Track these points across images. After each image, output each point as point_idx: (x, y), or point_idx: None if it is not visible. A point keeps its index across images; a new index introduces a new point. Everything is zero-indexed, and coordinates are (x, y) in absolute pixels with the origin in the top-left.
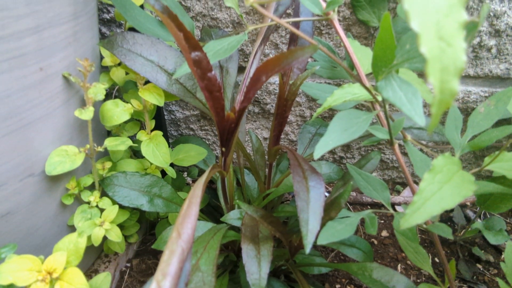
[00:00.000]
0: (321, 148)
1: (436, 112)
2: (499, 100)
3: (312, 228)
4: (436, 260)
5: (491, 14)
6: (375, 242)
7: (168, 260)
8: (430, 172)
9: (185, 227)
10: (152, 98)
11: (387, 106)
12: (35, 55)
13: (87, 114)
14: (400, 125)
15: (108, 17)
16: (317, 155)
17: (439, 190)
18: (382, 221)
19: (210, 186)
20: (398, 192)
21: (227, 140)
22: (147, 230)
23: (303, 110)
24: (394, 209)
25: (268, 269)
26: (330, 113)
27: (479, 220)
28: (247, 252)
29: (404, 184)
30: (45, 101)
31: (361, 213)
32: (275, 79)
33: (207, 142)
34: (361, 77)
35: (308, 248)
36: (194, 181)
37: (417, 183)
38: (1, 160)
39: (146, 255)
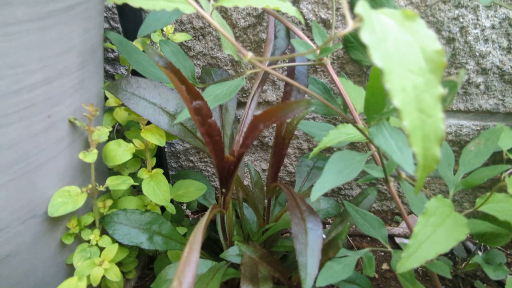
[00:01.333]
0: (318, 191)
1: (421, 176)
2: (488, 139)
3: (310, 271)
4: None
5: (477, 54)
6: (376, 275)
7: None
8: (423, 215)
9: (186, 276)
10: (153, 138)
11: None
12: (44, 104)
13: (91, 157)
14: (395, 164)
15: (112, 56)
16: (313, 197)
17: (433, 233)
18: (382, 254)
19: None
20: (397, 223)
21: (227, 181)
22: (145, 265)
23: (300, 143)
24: (394, 241)
25: None
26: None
27: (479, 252)
28: None
29: None
30: (51, 145)
31: (359, 252)
32: None
33: (206, 174)
34: (355, 119)
35: None
36: (193, 213)
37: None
38: (6, 205)
39: None
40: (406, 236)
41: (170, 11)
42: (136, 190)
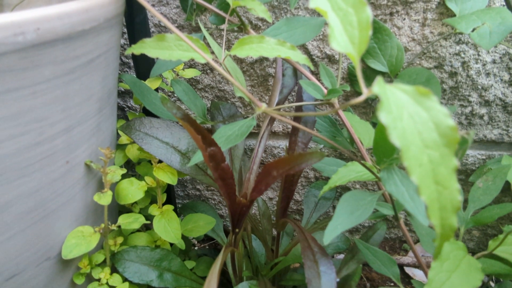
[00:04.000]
0: (330, 234)
1: (439, 245)
2: (496, 176)
3: None
4: None
5: (480, 87)
6: None
7: None
8: (437, 261)
9: None
10: (166, 177)
11: None
12: (64, 151)
13: (106, 199)
14: None
15: (122, 90)
16: (326, 240)
17: (447, 279)
18: (392, 284)
19: (216, 247)
20: (406, 251)
21: (238, 221)
22: None
23: (307, 172)
24: (403, 271)
25: None
26: None
27: (491, 283)
28: None
29: None
30: (68, 189)
31: None
32: (279, 143)
33: (213, 202)
34: (363, 156)
35: None
36: (199, 241)
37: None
38: (23, 250)
39: None
40: (416, 266)
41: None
42: (144, 224)
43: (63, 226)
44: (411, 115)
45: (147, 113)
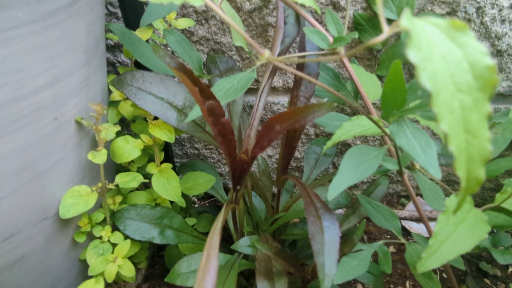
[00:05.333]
0: (335, 189)
1: (462, 198)
2: (506, 129)
3: (328, 272)
4: (444, 276)
5: (493, 35)
6: None
7: None
8: (444, 214)
9: (207, 284)
10: (162, 135)
11: None
12: (50, 106)
13: (101, 157)
14: (410, 156)
15: (112, 43)
16: (330, 196)
17: (453, 232)
18: (389, 236)
19: (216, 204)
20: (403, 206)
21: (239, 179)
22: (154, 253)
23: (307, 129)
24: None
25: None
26: None
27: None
28: None
29: (409, 197)
30: (59, 147)
31: (373, 245)
32: (279, 99)
33: (212, 161)
34: (369, 109)
35: None
36: (199, 199)
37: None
38: (18, 210)
39: (155, 280)
40: (413, 219)
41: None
42: (143, 182)
43: (58, 186)
44: (443, 55)
45: (139, 67)
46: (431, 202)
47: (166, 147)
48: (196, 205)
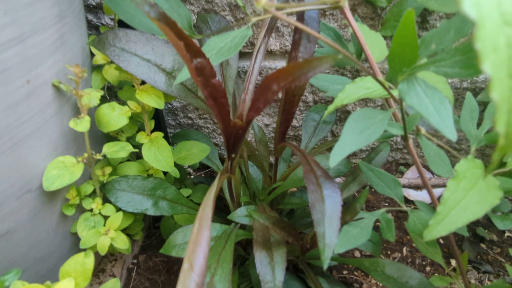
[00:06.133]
0: (337, 155)
1: (496, 158)
2: None
3: (329, 242)
4: (441, 241)
5: None
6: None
7: None
8: (454, 179)
9: (197, 257)
10: (151, 101)
11: (404, 103)
12: (20, 67)
13: (83, 125)
14: (415, 120)
15: (94, 3)
16: (333, 162)
17: (463, 198)
18: (387, 204)
19: (212, 175)
20: (402, 173)
21: (234, 146)
22: (150, 224)
23: (305, 95)
24: None
25: (282, 277)
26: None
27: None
28: (260, 260)
29: (408, 165)
30: (36, 114)
31: (375, 213)
32: (276, 63)
33: (206, 131)
34: (374, 70)
35: (326, 264)
36: (194, 170)
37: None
38: None
39: (152, 250)
40: (411, 187)
41: None
42: (135, 153)
43: (39, 157)
44: None
45: (124, 27)
46: (435, 168)
47: (157, 116)
48: (192, 177)
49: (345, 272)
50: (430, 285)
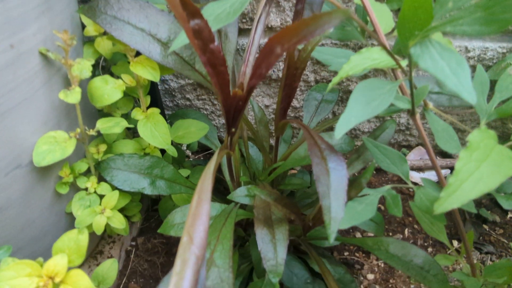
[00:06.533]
0: (343, 126)
1: None
2: None
3: (335, 215)
4: None
5: None
6: (382, 207)
7: (181, 273)
8: (466, 150)
9: (197, 230)
10: (146, 73)
11: (413, 73)
12: (2, 30)
13: (74, 96)
14: (424, 93)
15: None
16: (338, 134)
17: (477, 169)
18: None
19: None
20: (404, 155)
21: (234, 119)
22: (149, 207)
23: (306, 75)
24: None
25: (285, 255)
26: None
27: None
28: (262, 237)
29: (410, 147)
30: (23, 83)
31: (381, 190)
32: None
33: (205, 112)
34: (382, 40)
35: (332, 238)
36: (193, 153)
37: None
38: None
39: (151, 233)
40: (414, 169)
41: None
42: (131, 132)
43: (28, 130)
44: None
45: None
46: (443, 144)
47: (153, 92)
48: (191, 159)
49: (346, 253)
50: (435, 263)
